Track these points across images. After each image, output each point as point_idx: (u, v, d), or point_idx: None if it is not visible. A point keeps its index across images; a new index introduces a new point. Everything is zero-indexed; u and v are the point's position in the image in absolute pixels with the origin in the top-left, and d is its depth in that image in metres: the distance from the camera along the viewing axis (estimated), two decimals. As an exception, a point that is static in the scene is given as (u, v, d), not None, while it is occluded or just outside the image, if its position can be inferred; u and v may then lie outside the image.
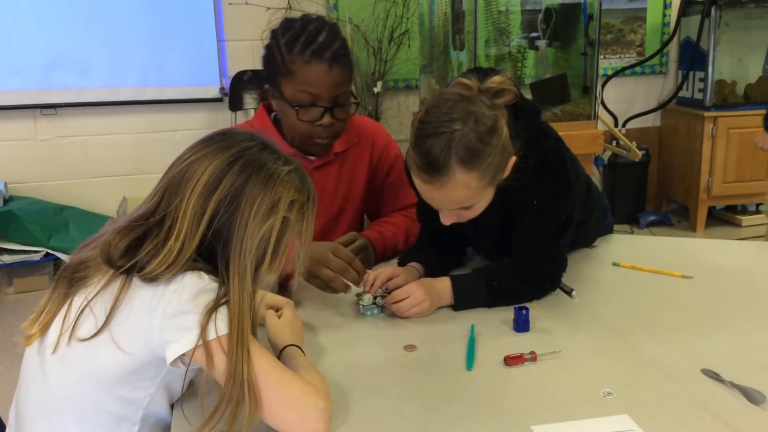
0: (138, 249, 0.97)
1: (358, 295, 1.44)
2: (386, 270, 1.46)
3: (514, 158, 1.31)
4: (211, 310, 0.94)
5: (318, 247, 1.43)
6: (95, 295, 0.98)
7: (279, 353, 1.11)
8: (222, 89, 3.84)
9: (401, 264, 1.55)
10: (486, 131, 1.24)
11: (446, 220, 1.36)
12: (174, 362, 0.95)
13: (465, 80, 1.31)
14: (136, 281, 0.96)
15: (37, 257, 3.42)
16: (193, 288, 0.95)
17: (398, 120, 4.07)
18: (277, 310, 1.23)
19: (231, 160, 1.00)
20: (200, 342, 0.93)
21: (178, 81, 3.79)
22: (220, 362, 0.94)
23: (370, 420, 1.02)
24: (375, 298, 1.41)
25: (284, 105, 1.55)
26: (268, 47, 1.57)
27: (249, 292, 0.98)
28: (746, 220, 4.35)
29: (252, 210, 0.99)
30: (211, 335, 0.93)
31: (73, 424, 1.01)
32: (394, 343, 1.27)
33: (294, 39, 1.51)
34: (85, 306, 0.99)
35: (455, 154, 1.22)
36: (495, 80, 1.31)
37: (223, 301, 0.96)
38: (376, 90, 3.81)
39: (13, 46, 3.54)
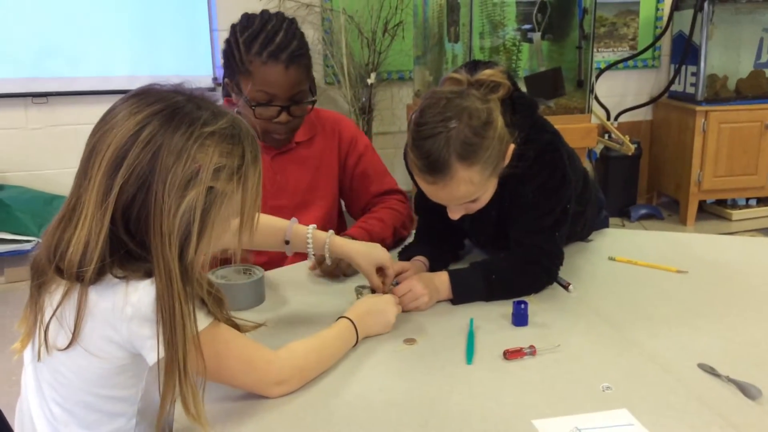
0: (59, 246, 0.89)
1: (357, 289, 1.44)
2: (395, 266, 1.45)
3: (512, 146, 1.33)
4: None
5: None
6: (59, 306, 0.92)
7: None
8: (215, 78, 3.82)
9: (404, 258, 1.55)
10: (481, 125, 1.25)
11: (454, 214, 1.37)
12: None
13: (455, 74, 1.33)
14: (91, 290, 0.90)
15: (28, 246, 3.38)
16: (151, 297, 0.89)
17: (391, 111, 4.07)
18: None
19: (137, 128, 0.89)
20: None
21: (170, 70, 3.75)
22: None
23: (371, 414, 1.03)
24: (373, 291, 1.41)
25: (243, 101, 1.58)
26: (227, 43, 1.61)
27: (177, 279, 0.88)
28: (736, 214, 4.39)
29: (165, 186, 0.87)
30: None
31: (73, 424, 0.99)
32: (394, 337, 1.27)
33: (252, 39, 1.56)
34: (52, 317, 0.93)
35: (454, 152, 1.23)
36: (485, 73, 1.33)
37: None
38: (369, 81, 3.80)
39: (3, 33, 3.50)
